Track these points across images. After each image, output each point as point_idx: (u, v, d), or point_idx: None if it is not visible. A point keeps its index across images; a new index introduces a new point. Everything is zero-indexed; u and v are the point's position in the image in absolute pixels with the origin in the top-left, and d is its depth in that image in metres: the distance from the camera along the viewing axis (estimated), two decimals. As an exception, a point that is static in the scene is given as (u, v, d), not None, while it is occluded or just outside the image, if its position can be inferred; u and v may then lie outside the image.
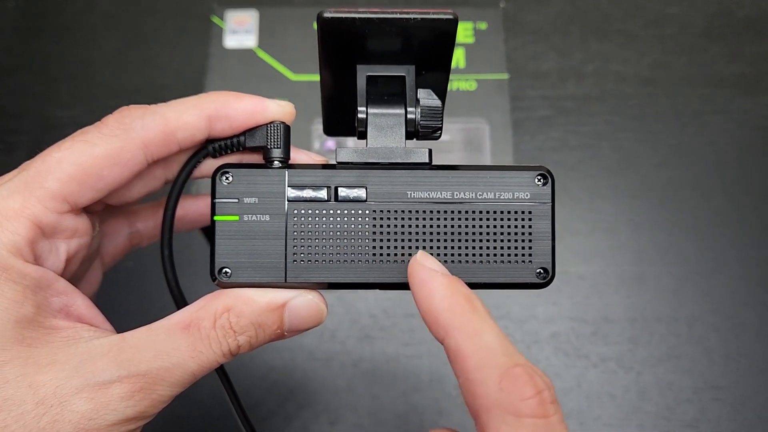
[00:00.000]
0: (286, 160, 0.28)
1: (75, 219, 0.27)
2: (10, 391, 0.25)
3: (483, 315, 0.24)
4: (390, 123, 0.28)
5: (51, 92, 0.56)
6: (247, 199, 0.27)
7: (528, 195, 0.28)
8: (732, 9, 0.59)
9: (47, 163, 0.27)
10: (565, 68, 0.57)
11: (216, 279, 0.27)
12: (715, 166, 0.54)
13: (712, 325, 0.50)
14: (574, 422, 0.47)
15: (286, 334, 0.28)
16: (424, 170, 0.28)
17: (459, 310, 0.24)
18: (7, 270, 0.25)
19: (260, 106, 0.28)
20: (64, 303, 0.27)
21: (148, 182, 0.30)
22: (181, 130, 0.28)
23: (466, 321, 0.24)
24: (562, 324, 0.50)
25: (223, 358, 0.27)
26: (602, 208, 0.53)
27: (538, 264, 0.28)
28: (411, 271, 0.26)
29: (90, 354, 0.26)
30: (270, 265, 0.27)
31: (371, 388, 0.48)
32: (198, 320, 0.27)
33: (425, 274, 0.25)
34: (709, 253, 0.52)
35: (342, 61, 0.28)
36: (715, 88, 0.56)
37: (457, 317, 0.24)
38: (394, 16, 0.26)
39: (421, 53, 0.28)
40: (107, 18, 0.59)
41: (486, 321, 0.24)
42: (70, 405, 0.25)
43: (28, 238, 0.26)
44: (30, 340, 0.25)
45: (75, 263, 0.29)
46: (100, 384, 0.25)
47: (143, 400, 0.26)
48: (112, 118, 0.28)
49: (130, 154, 0.27)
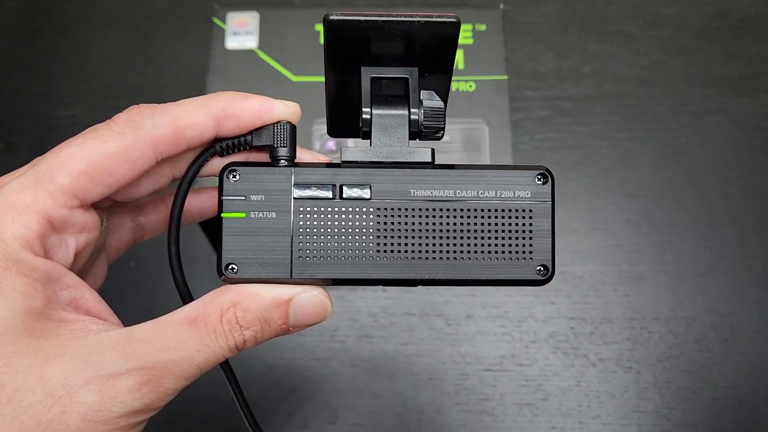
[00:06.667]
0: (292, 159, 0.29)
1: (84, 214, 0.28)
2: (19, 382, 0.25)
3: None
4: (393, 123, 0.29)
5: (52, 92, 0.57)
6: (254, 197, 0.28)
7: (528, 194, 0.28)
8: (729, 10, 0.59)
9: (59, 159, 0.27)
10: (564, 69, 0.57)
11: (223, 275, 0.27)
12: (713, 165, 0.54)
13: (710, 324, 0.50)
14: (573, 421, 0.48)
15: (291, 329, 0.28)
16: (426, 169, 0.28)
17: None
18: (17, 263, 0.26)
19: (267, 106, 0.29)
20: (73, 296, 0.28)
21: (156, 179, 0.30)
22: (190, 129, 0.28)
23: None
24: (560, 323, 0.50)
25: (229, 353, 0.27)
26: (600, 208, 0.53)
27: (539, 261, 0.28)
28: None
29: (98, 347, 0.26)
30: (276, 261, 0.27)
31: (370, 387, 0.48)
32: (205, 315, 0.27)
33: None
34: (707, 253, 0.52)
35: (347, 63, 0.29)
36: (713, 89, 0.56)
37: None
38: (398, 19, 0.27)
39: (424, 55, 0.29)
40: (108, 18, 0.59)
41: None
42: (78, 396, 0.25)
43: (39, 232, 0.26)
44: (39, 332, 0.26)
45: (83, 257, 0.29)
46: (108, 376, 0.26)
47: (150, 392, 0.26)
48: (122, 116, 0.28)
49: (139, 151, 0.27)
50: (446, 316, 0.50)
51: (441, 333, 0.50)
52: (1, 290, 0.25)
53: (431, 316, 0.50)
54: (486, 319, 0.50)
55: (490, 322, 0.50)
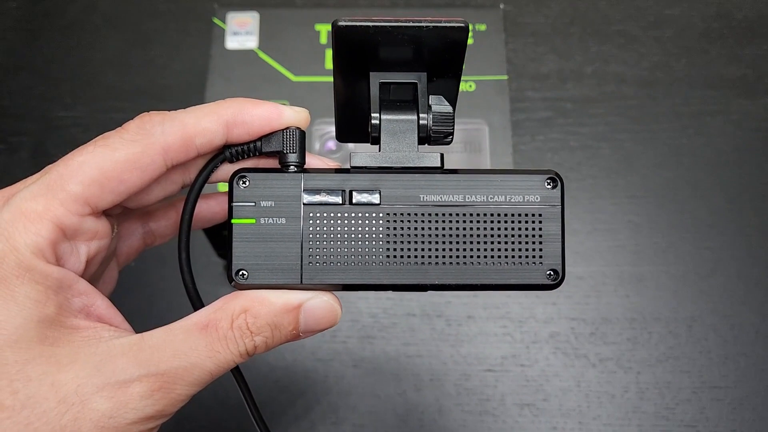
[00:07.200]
0: (302, 165, 0.29)
1: (95, 221, 0.28)
2: (33, 389, 0.25)
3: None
4: (402, 128, 0.29)
5: (53, 93, 0.56)
6: (264, 203, 0.28)
7: (538, 198, 0.28)
8: (731, 11, 0.59)
9: (70, 166, 0.27)
10: (565, 70, 0.57)
11: (233, 281, 0.27)
12: (714, 167, 0.54)
13: (710, 325, 0.50)
14: (574, 422, 0.48)
15: (301, 335, 0.28)
16: (436, 174, 0.28)
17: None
18: (30, 271, 0.26)
19: (276, 113, 0.29)
20: (85, 303, 0.28)
21: (166, 186, 0.30)
22: (200, 136, 0.28)
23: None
24: (561, 324, 0.50)
25: (240, 358, 0.27)
26: (601, 209, 0.53)
27: (549, 266, 0.28)
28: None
29: (110, 353, 0.26)
30: (286, 267, 0.27)
31: (372, 388, 0.48)
32: (216, 321, 0.27)
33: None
34: (708, 254, 0.52)
35: (355, 68, 0.29)
36: (714, 90, 0.56)
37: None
38: (406, 24, 0.27)
39: (433, 60, 0.29)
40: (109, 19, 0.59)
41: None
42: (90, 403, 0.25)
43: (51, 239, 0.26)
44: (52, 339, 0.26)
45: (95, 264, 0.29)
46: (120, 383, 0.26)
47: (162, 399, 0.26)
48: (132, 124, 0.28)
49: (150, 158, 0.27)
50: (447, 316, 0.50)
51: (442, 334, 0.50)
52: (14, 298, 0.25)
53: (432, 316, 0.50)
54: (487, 320, 0.50)
55: (492, 323, 0.50)
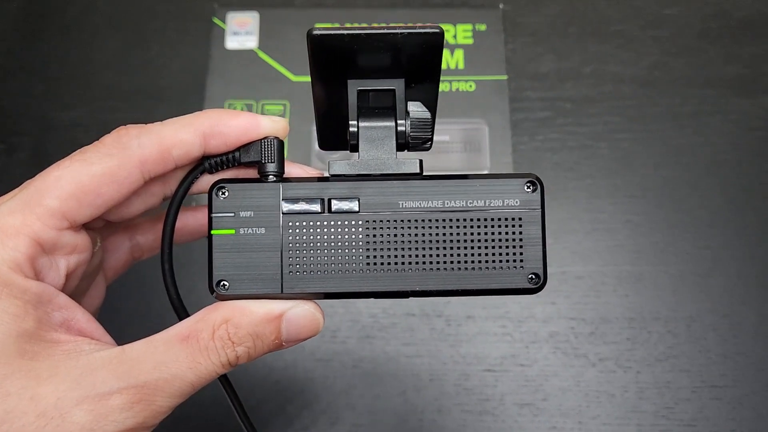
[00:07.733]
0: (281, 174, 0.29)
1: (74, 235, 0.28)
2: (12, 403, 0.25)
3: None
4: (381, 135, 0.29)
5: (52, 93, 0.56)
6: (243, 213, 0.28)
7: (518, 202, 0.28)
8: (729, 10, 0.59)
9: (46, 181, 0.27)
10: (564, 69, 0.57)
11: (214, 291, 0.28)
12: (713, 166, 0.54)
13: (710, 325, 0.50)
14: (573, 421, 0.48)
15: (284, 344, 0.28)
16: (414, 180, 0.28)
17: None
18: (8, 286, 0.26)
19: (254, 123, 0.29)
20: (65, 317, 0.28)
21: (147, 199, 0.30)
22: (177, 148, 0.28)
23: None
24: (560, 324, 0.50)
25: (222, 369, 0.27)
26: (600, 209, 0.53)
27: (530, 270, 0.28)
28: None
29: (90, 366, 0.26)
30: (266, 276, 0.27)
31: (371, 388, 0.48)
32: (197, 332, 0.27)
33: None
34: (707, 253, 0.52)
35: (333, 76, 0.29)
36: (713, 89, 0.56)
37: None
38: (381, 31, 0.27)
39: (410, 67, 0.29)
40: (109, 19, 0.59)
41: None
42: (70, 416, 0.25)
43: (29, 254, 0.26)
44: (31, 353, 0.26)
45: (75, 278, 0.29)
46: (100, 395, 0.26)
47: (143, 410, 0.26)
48: (109, 138, 0.28)
49: (127, 171, 0.28)
50: (447, 316, 0.50)
51: (442, 333, 0.50)
52: None
53: (432, 316, 0.50)
54: (486, 320, 0.50)
55: (491, 323, 0.50)
